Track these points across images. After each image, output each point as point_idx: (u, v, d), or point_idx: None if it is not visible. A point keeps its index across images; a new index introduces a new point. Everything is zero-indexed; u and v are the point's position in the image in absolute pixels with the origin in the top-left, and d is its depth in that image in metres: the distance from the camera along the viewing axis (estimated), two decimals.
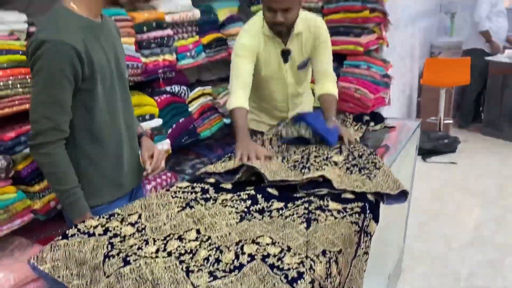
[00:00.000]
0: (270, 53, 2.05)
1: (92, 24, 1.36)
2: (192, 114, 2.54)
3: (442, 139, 4.40)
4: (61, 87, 1.28)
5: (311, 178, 1.45)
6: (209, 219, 1.23)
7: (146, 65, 2.14)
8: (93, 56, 1.33)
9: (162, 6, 2.26)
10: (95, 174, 1.46)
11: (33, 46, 1.25)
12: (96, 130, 1.42)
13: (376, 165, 1.60)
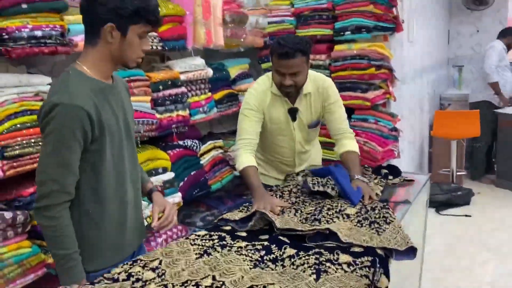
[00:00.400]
0: (277, 111, 2.10)
1: (103, 86, 1.38)
2: (204, 167, 2.60)
3: (456, 191, 4.35)
4: (70, 149, 1.28)
5: (318, 230, 1.49)
6: (224, 266, 1.32)
7: (160, 121, 2.24)
8: (103, 118, 1.34)
9: (177, 66, 2.39)
10: (97, 237, 1.41)
11: (45, 108, 1.27)
12: (102, 191, 1.39)
13: (386, 219, 1.62)
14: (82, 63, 1.36)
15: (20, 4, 1.59)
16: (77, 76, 1.33)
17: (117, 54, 1.35)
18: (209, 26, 2.50)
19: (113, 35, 1.31)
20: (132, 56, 1.38)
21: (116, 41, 1.33)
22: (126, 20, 1.31)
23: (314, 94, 2.11)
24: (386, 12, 2.77)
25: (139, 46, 1.37)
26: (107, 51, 1.35)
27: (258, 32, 2.97)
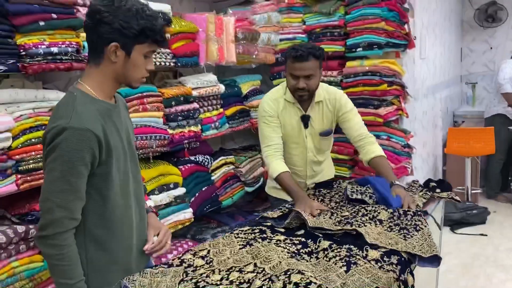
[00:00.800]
0: (290, 117, 2.18)
1: (108, 107, 1.34)
2: (215, 183, 2.60)
3: (471, 210, 4.27)
4: (79, 174, 1.23)
5: (346, 230, 1.61)
6: (264, 254, 1.47)
7: (172, 137, 2.25)
8: (110, 141, 1.31)
9: (190, 82, 2.41)
10: (104, 260, 1.37)
11: (53, 132, 1.21)
12: (109, 215, 1.35)
13: (417, 227, 1.65)
14: (85, 83, 1.32)
15: (37, 21, 1.63)
16: (83, 98, 1.29)
17: (121, 73, 1.32)
18: (221, 43, 2.53)
19: (117, 54, 1.28)
20: (137, 76, 1.35)
21: (120, 60, 1.29)
22: (131, 40, 1.27)
23: (326, 103, 2.20)
24: (398, 29, 2.78)
25: (144, 66, 1.34)
26: (110, 71, 1.31)
27: (270, 49, 3.00)
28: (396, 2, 2.73)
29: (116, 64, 1.29)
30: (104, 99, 1.34)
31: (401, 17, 2.78)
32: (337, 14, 2.85)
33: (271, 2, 3.02)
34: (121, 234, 1.39)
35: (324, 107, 2.20)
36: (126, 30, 1.25)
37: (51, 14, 1.67)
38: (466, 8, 5.98)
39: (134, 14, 1.25)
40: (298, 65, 2.03)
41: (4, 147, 1.57)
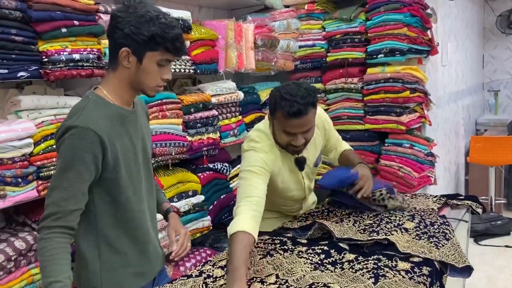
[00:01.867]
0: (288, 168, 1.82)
1: (122, 112, 1.35)
2: (233, 191, 2.57)
3: (495, 220, 4.14)
4: (77, 174, 1.23)
5: (376, 240, 1.54)
6: (286, 266, 1.42)
7: (191, 144, 2.23)
8: (118, 145, 1.31)
9: (209, 89, 2.40)
10: (118, 263, 1.38)
11: (60, 131, 1.26)
12: (121, 218, 1.36)
13: (446, 235, 1.61)
14: (103, 88, 1.35)
15: (60, 28, 1.63)
16: (96, 101, 1.31)
17: (134, 80, 1.33)
18: (240, 50, 2.51)
19: (129, 60, 1.29)
20: (150, 84, 1.34)
21: (132, 66, 1.30)
22: (141, 45, 1.27)
23: (316, 133, 1.82)
24: (421, 35, 2.72)
25: (158, 74, 1.33)
26: (125, 76, 1.32)
27: (289, 56, 2.97)
28: (419, 8, 2.68)
29: (129, 69, 1.31)
30: (121, 104, 1.35)
31: (424, 22, 2.73)
32: (358, 20, 2.82)
33: (291, 9, 3.00)
34: (135, 238, 1.40)
35: (315, 139, 1.86)
36: (136, 36, 1.26)
37: (73, 21, 1.67)
38: (487, 15, 5.88)
39: (147, 21, 1.26)
40: (295, 122, 1.61)
41: (26, 153, 1.56)
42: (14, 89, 1.70)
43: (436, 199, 2.04)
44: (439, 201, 2.01)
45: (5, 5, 1.48)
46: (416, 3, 2.66)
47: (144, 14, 1.26)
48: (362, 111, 2.87)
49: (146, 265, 1.44)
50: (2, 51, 1.49)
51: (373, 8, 2.75)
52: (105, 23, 1.80)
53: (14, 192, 1.52)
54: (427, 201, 2.01)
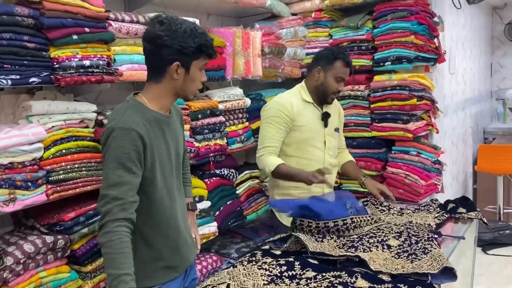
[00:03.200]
0: (309, 118, 2.21)
1: (159, 117, 1.47)
2: (240, 197, 2.58)
3: (503, 230, 4.10)
4: (128, 170, 1.34)
5: (348, 257, 1.56)
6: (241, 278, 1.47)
7: (198, 149, 2.25)
8: (155, 146, 1.43)
9: (216, 95, 2.42)
10: (151, 257, 1.48)
11: (105, 133, 1.37)
12: (155, 215, 1.47)
13: (425, 250, 1.61)
14: (144, 95, 1.47)
15: (71, 35, 1.66)
16: (135, 105, 1.44)
17: (180, 88, 1.47)
18: (248, 57, 2.53)
19: (178, 72, 1.42)
20: (194, 88, 1.51)
21: (180, 77, 1.44)
22: (190, 57, 1.42)
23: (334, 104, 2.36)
24: (428, 43, 2.72)
25: (199, 78, 1.49)
26: (171, 87, 1.46)
27: (296, 63, 2.99)
28: (426, 16, 2.69)
29: (177, 80, 1.44)
30: (159, 110, 1.48)
31: (431, 30, 2.73)
32: (365, 28, 2.82)
33: (298, 17, 3.02)
34: (167, 234, 1.51)
35: (333, 107, 2.34)
36: (186, 50, 1.40)
37: (84, 28, 1.70)
38: (496, 24, 5.86)
39: (190, 34, 1.40)
40: (348, 70, 2.20)
41: (36, 158, 1.59)
42: (25, 95, 1.72)
43: (438, 215, 2.03)
44: (440, 217, 2.00)
45: (18, 13, 1.51)
46: (423, 12, 2.67)
47: (186, 29, 1.40)
48: (369, 118, 2.87)
49: (177, 259, 1.55)
50: (14, 57, 1.53)
51: (380, 16, 2.76)
52: (115, 30, 1.83)
53: (24, 195, 1.55)
54: (427, 217, 2.00)
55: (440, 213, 2.06)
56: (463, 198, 2.25)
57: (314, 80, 2.23)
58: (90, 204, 1.77)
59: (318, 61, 2.25)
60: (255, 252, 1.70)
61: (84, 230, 1.72)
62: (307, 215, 1.81)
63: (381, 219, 2.01)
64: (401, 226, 1.88)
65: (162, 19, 1.41)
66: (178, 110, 1.68)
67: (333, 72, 2.18)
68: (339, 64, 2.18)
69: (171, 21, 1.42)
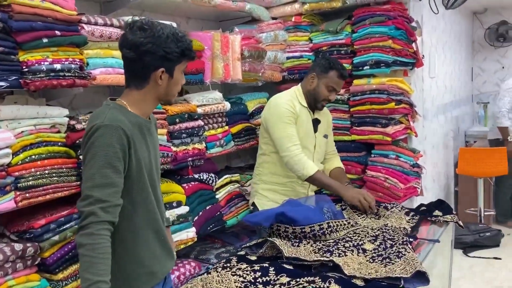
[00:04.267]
0: (304, 120, 2.32)
1: (140, 121, 1.45)
2: (219, 202, 2.55)
3: (484, 232, 4.15)
4: (115, 169, 1.32)
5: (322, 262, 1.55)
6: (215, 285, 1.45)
7: (176, 154, 2.22)
8: (138, 148, 1.41)
9: (194, 99, 2.40)
10: (131, 263, 1.46)
11: (90, 132, 1.33)
12: (136, 220, 1.45)
13: (399, 254, 1.61)
14: (124, 100, 1.45)
15: (41, 38, 1.63)
16: (118, 108, 1.42)
17: (163, 93, 1.48)
18: (227, 61, 2.52)
19: (162, 78, 1.42)
20: (175, 92, 1.52)
21: (164, 82, 1.44)
22: (174, 62, 1.43)
23: (324, 112, 2.47)
24: (405, 47, 2.74)
25: (181, 82, 1.50)
26: (154, 92, 1.46)
27: (276, 67, 2.99)
28: (403, 21, 2.71)
29: (160, 86, 1.44)
30: (139, 115, 1.46)
31: (409, 35, 2.75)
32: (344, 33, 2.84)
33: (278, 21, 3.02)
34: (147, 239, 1.48)
35: (323, 114, 2.45)
36: (170, 55, 1.40)
37: (55, 31, 1.67)
38: (476, 28, 5.96)
39: (173, 39, 1.40)
40: (341, 82, 2.32)
41: (4, 164, 1.55)
42: None
43: (409, 218, 2.03)
44: (412, 220, 2.00)
45: None
46: (400, 17, 2.69)
47: (168, 34, 1.40)
48: (348, 122, 2.88)
49: (158, 266, 1.53)
50: None
51: (358, 20, 2.77)
52: (88, 33, 1.80)
53: None
54: (400, 219, 2.00)
55: (410, 215, 2.06)
56: (438, 202, 2.26)
57: (308, 85, 2.34)
58: (62, 211, 1.73)
59: (315, 67, 2.36)
60: (230, 258, 1.69)
61: (55, 237, 1.68)
62: (284, 222, 1.81)
63: (357, 223, 2.01)
64: (377, 230, 1.88)
65: (142, 25, 1.39)
66: (153, 117, 1.66)
67: (326, 81, 2.29)
68: (333, 74, 2.28)
69: (152, 26, 1.40)
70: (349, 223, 1.93)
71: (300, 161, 2.19)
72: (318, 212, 1.89)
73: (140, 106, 1.47)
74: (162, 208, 1.62)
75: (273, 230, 1.84)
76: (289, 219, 1.80)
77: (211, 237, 2.71)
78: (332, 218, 1.88)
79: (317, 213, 1.87)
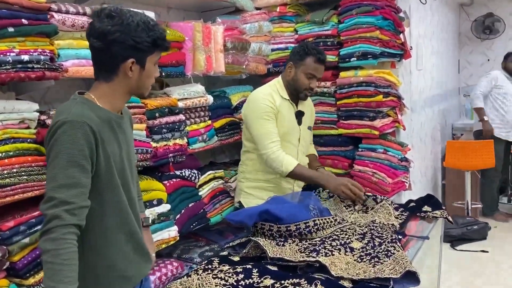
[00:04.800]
0: (286, 114, 2.24)
1: (111, 117, 1.36)
2: (203, 199, 2.47)
3: (471, 225, 4.14)
4: (81, 168, 1.23)
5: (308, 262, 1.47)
6: None
7: (156, 150, 2.13)
8: (107, 145, 1.32)
9: (175, 93, 2.30)
10: (103, 267, 1.37)
11: (53, 128, 1.24)
12: (107, 222, 1.35)
13: (388, 253, 1.55)
14: (92, 94, 1.36)
15: (6, 27, 1.52)
16: (85, 102, 1.32)
17: (135, 86, 1.38)
18: (209, 53, 2.43)
19: (132, 69, 1.33)
20: (148, 85, 1.42)
21: (135, 74, 1.35)
22: (145, 53, 1.34)
23: (307, 102, 2.38)
24: (393, 38, 2.68)
25: (154, 74, 1.41)
26: (124, 85, 1.36)
27: (261, 59, 2.90)
28: (391, 11, 2.64)
29: (131, 78, 1.35)
30: (109, 109, 1.37)
31: (396, 26, 2.69)
32: (330, 23, 2.76)
33: (262, 11, 2.93)
34: (119, 241, 1.39)
35: (306, 105, 2.37)
36: (140, 45, 1.31)
37: (21, 20, 1.56)
38: (463, 20, 5.94)
39: (143, 28, 1.31)
40: (320, 67, 2.20)
41: None
42: None
43: (398, 214, 1.98)
44: (401, 216, 1.95)
45: None
46: (388, 6, 2.62)
47: (138, 23, 1.30)
48: (335, 116, 2.81)
49: (132, 269, 1.44)
50: None
51: (345, 10, 2.69)
52: (58, 22, 1.70)
53: None
54: (389, 214, 1.94)
55: (399, 211, 2.01)
56: (427, 197, 2.21)
57: (287, 75, 2.26)
58: (32, 212, 1.62)
59: (291, 56, 2.27)
60: (212, 259, 1.61)
61: (25, 240, 1.58)
62: (268, 220, 1.73)
63: (344, 219, 1.95)
64: (365, 227, 1.82)
65: (110, 12, 1.30)
66: (127, 112, 1.56)
67: (303, 68, 2.19)
68: (310, 60, 2.18)
69: (121, 14, 1.31)
70: (335, 220, 1.87)
71: (278, 158, 2.13)
72: (303, 209, 1.82)
73: (110, 100, 1.37)
74: (137, 210, 1.51)
75: (257, 228, 1.76)
76: (274, 217, 1.72)
77: (195, 235, 2.63)
78: (318, 216, 1.81)
79: (303, 211, 1.80)
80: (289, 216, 1.74)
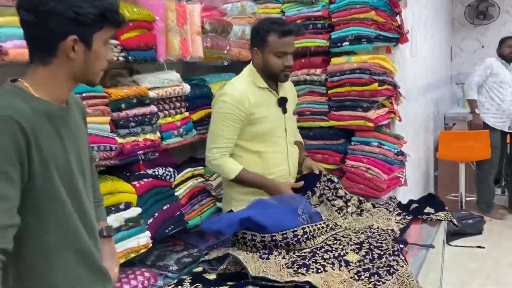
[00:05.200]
0: (268, 107, 2.00)
1: (52, 110, 1.11)
2: (179, 199, 2.23)
3: (466, 219, 3.97)
4: (7, 178, 0.98)
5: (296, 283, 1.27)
6: None
7: (122, 146, 1.87)
8: (45, 145, 1.07)
9: (146, 81, 2.03)
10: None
11: None
12: (48, 239, 1.11)
13: (391, 269, 1.34)
14: (26, 82, 1.09)
15: None
16: (16, 91, 1.07)
17: (80, 71, 1.13)
18: (184, 35, 2.16)
19: (75, 49, 1.08)
20: (97, 69, 1.16)
21: (79, 55, 1.10)
22: (90, 28, 1.08)
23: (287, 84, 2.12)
24: (389, 20, 2.43)
25: (105, 56, 1.16)
26: (66, 70, 1.11)
27: (244, 43, 2.63)
28: None
29: (74, 60, 1.10)
30: (49, 100, 1.11)
31: (393, 6, 2.44)
32: (320, 4, 2.52)
33: None
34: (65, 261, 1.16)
35: (287, 88, 2.12)
36: (84, 17, 1.06)
37: None
38: (455, 5, 5.74)
39: None
40: (288, 40, 1.90)
41: None
42: None
43: (400, 218, 1.77)
44: (403, 221, 1.74)
45: None
46: None
47: None
48: (326, 106, 2.58)
49: None
50: None
51: None
52: None
53: None
54: (388, 219, 1.74)
55: (402, 216, 1.80)
56: (429, 196, 2.00)
57: (256, 63, 2.00)
58: None
59: (252, 41, 2.00)
60: (183, 278, 1.37)
61: None
62: (251, 228, 1.49)
63: (337, 224, 1.72)
64: (361, 234, 1.60)
65: None
66: (78, 102, 1.30)
67: (270, 49, 1.91)
68: (273, 37, 1.89)
69: None
70: (327, 226, 1.64)
71: (219, 167, 1.97)
72: (291, 214, 1.58)
73: (49, 87, 1.10)
74: (93, 222, 1.26)
75: (238, 238, 1.53)
76: (257, 225, 1.49)
77: (173, 237, 2.39)
78: (308, 222, 1.58)
79: (290, 217, 1.56)
80: (274, 223, 1.51)
